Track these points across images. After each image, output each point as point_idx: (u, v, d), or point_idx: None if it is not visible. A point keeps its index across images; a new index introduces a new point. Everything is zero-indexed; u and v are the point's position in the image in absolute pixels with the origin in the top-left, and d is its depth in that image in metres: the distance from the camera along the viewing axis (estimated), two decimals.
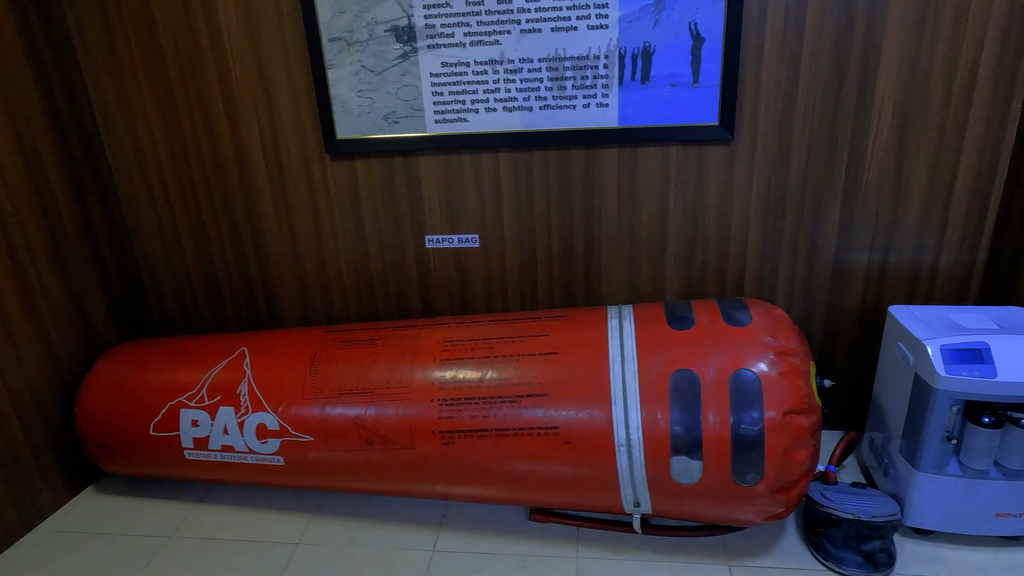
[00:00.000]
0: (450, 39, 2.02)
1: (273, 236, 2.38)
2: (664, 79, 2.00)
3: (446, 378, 1.87)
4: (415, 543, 1.97)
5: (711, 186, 2.12)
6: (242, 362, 2.05)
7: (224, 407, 1.99)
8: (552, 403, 1.78)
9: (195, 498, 2.22)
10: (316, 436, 1.93)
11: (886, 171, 2.04)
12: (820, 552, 1.83)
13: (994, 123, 1.96)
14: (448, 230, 2.29)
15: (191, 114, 2.24)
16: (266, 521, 2.10)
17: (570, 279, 2.30)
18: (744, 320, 1.80)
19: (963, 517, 1.81)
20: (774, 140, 2.05)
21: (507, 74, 2.04)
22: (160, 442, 2.05)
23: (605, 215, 2.20)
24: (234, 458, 2.02)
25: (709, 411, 1.68)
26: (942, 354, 1.70)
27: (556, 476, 1.82)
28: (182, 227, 2.41)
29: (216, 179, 2.32)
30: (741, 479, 1.69)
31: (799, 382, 1.68)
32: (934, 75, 1.93)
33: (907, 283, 2.16)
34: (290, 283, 2.45)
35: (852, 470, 2.20)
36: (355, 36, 2.05)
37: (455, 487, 1.92)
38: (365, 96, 2.12)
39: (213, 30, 2.12)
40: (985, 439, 1.72)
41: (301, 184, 2.29)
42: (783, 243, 2.16)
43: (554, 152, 2.14)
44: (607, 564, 1.86)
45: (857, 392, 2.34)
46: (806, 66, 1.96)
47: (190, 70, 2.18)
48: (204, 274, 2.48)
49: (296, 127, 2.21)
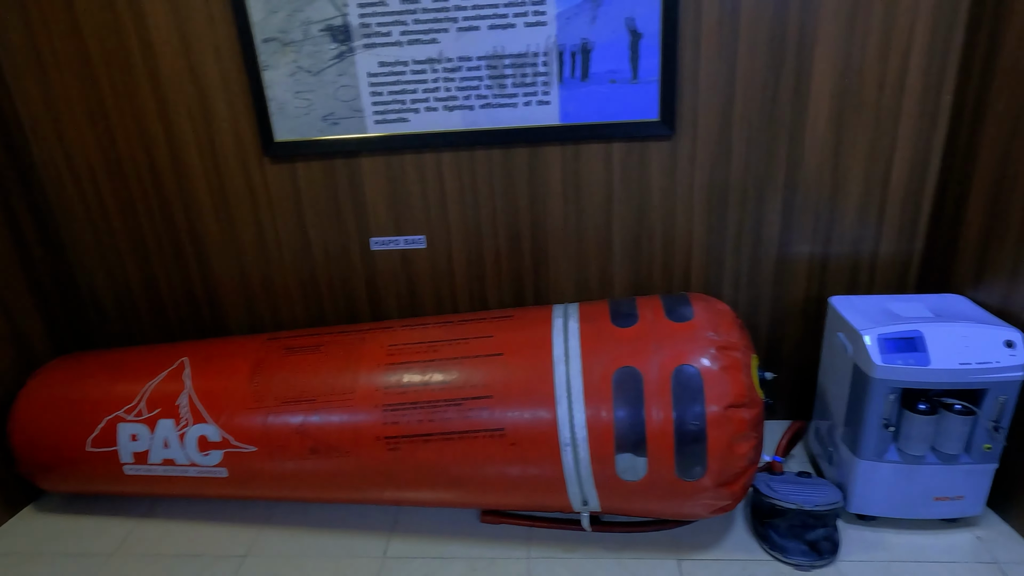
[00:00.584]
0: (387, 38, 1.99)
1: (214, 242, 2.32)
2: (604, 76, 1.99)
3: (391, 383, 1.85)
4: (365, 550, 1.95)
5: (654, 182, 2.13)
6: (182, 373, 2.00)
7: (164, 420, 1.94)
8: (497, 404, 1.77)
9: (140, 513, 2.16)
10: (259, 446, 1.89)
11: (824, 163, 2.06)
12: (767, 542, 1.85)
13: (927, 114, 1.99)
14: (394, 231, 2.26)
15: (123, 121, 2.17)
16: (213, 534, 2.05)
17: (519, 277, 2.29)
18: (687, 315, 1.80)
19: (903, 502, 1.85)
20: (715, 134, 2.06)
21: (446, 73, 2.02)
22: (98, 458, 1.99)
23: (551, 213, 2.19)
24: (176, 471, 1.97)
25: (652, 407, 1.69)
26: (878, 344, 1.73)
27: (504, 477, 1.81)
28: (119, 236, 2.34)
29: (153, 186, 2.25)
30: (686, 474, 1.70)
31: (740, 376, 1.70)
32: (867, 68, 1.95)
33: (849, 273, 2.19)
34: (234, 290, 2.39)
35: (800, 459, 2.23)
36: (289, 36, 2.01)
37: (404, 492, 1.90)
38: (303, 97, 2.08)
39: (141, 33, 2.06)
40: (921, 425, 1.75)
41: (241, 189, 2.23)
42: (727, 237, 2.18)
43: (497, 151, 2.12)
44: (557, 563, 1.85)
45: (803, 382, 2.37)
46: (743, 60, 1.97)
47: (120, 75, 2.12)
48: (145, 284, 2.41)
49: (233, 131, 2.16)
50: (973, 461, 1.78)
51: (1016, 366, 1.67)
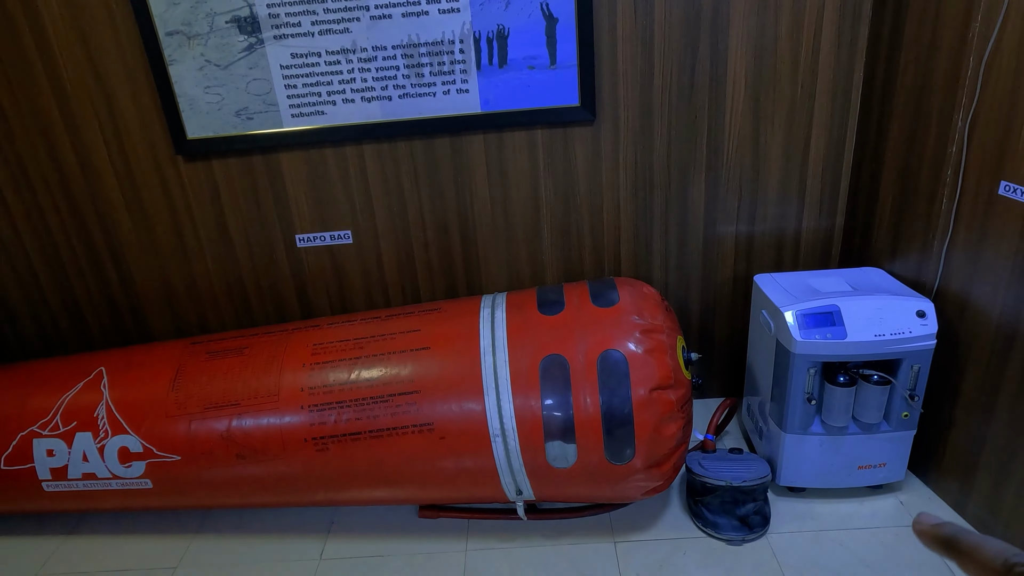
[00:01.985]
0: (297, 28, 1.93)
1: (131, 247, 2.23)
2: (522, 62, 1.97)
3: (316, 383, 1.81)
4: (300, 554, 1.91)
5: (580, 167, 2.12)
6: (99, 383, 1.92)
7: (81, 433, 1.87)
8: (425, 399, 1.75)
9: (65, 531, 2.08)
10: (183, 454, 1.83)
11: (744, 143, 2.08)
12: (699, 520, 1.88)
13: (840, 91, 2.02)
14: (319, 228, 2.21)
15: (24, 124, 2.06)
16: (142, 547, 1.99)
17: (449, 269, 2.27)
18: (613, 300, 1.81)
19: (829, 472, 1.90)
20: (635, 118, 2.06)
21: (361, 63, 1.97)
22: (14, 476, 1.90)
23: (478, 202, 2.17)
24: (98, 485, 1.90)
25: (580, 394, 1.69)
26: (797, 319, 1.76)
27: (437, 472, 1.79)
28: (29, 245, 2.23)
29: (61, 191, 2.15)
30: (615, 458, 1.70)
31: (665, 358, 1.71)
32: (780, 47, 1.97)
33: (774, 251, 2.22)
34: (156, 295, 2.31)
35: (735, 436, 2.27)
36: (194, 29, 1.93)
37: (337, 493, 1.87)
38: (213, 92, 2.00)
39: (36, 30, 1.95)
40: (842, 397, 1.79)
41: (155, 190, 2.15)
42: (654, 219, 2.19)
43: (419, 141, 2.09)
44: (495, 554, 1.85)
45: (735, 361, 2.40)
46: (659, 43, 1.97)
47: (16, 74, 2.00)
48: (61, 293, 2.31)
49: (143, 129, 2.07)
50: (892, 429, 1.83)
51: (928, 335, 1.71)
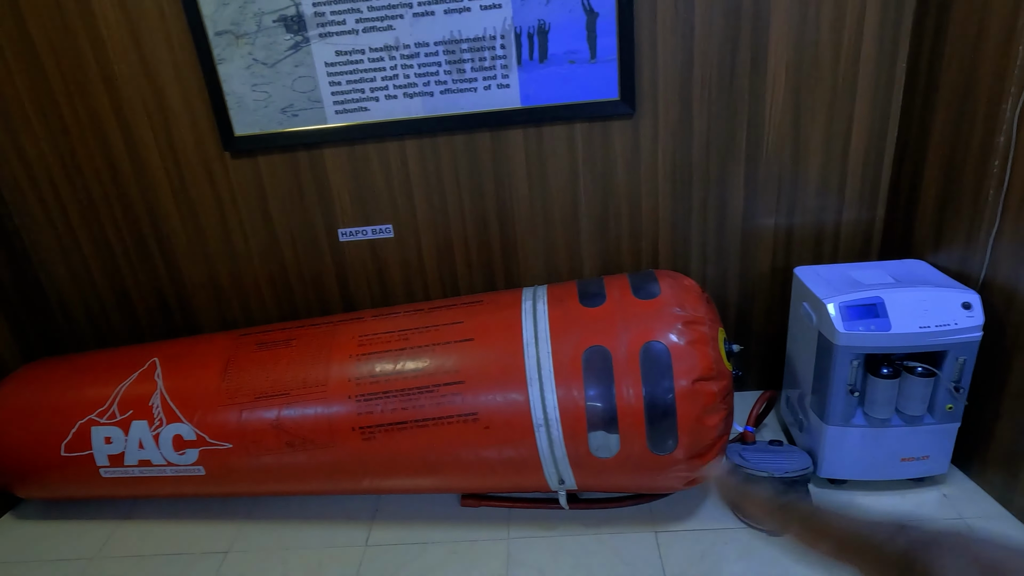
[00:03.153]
0: (342, 27, 1.97)
1: (180, 241, 2.30)
2: (562, 56, 1.99)
3: (363, 373, 1.85)
4: (347, 540, 1.96)
5: (618, 161, 2.14)
6: (153, 373, 1.99)
7: (137, 421, 1.93)
8: (469, 390, 1.78)
9: (119, 516, 2.16)
10: (235, 443, 1.89)
11: (784, 135, 2.08)
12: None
13: (882, 84, 2.01)
14: (361, 222, 2.25)
15: (78, 121, 2.13)
16: (194, 532, 2.06)
17: (488, 262, 2.30)
18: (654, 292, 1.82)
19: (871, 464, 1.89)
20: (675, 111, 2.07)
21: (404, 60, 2.01)
22: (73, 463, 1.98)
23: (517, 196, 2.19)
24: (153, 472, 1.97)
25: (622, 385, 1.71)
26: (840, 311, 1.76)
27: (480, 461, 1.83)
28: (83, 239, 2.31)
29: (113, 186, 2.22)
30: (658, 448, 1.72)
31: (707, 349, 1.72)
32: (822, 39, 1.96)
33: (813, 243, 2.22)
34: (203, 288, 2.38)
35: (773, 428, 2.28)
36: (242, 28, 1.98)
37: (382, 481, 1.91)
38: (260, 90, 2.05)
39: (91, 29, 2.02)
40: (885, 389, 1.79)
41: (203, 185, 2.21)
42: (692, 212, 2.20)
43: (460, 136, 2.12)
44: (538, 542, 1.88)
45: (773, 353, 2.40)
46: (700, 35, 1.98)
47: (71, 74, 2.07)
48: (112, 286, 2.39)
49: (192, 127, 2.13)
50: (936, 421, 1.82)
51: (974, 327, 1.71)
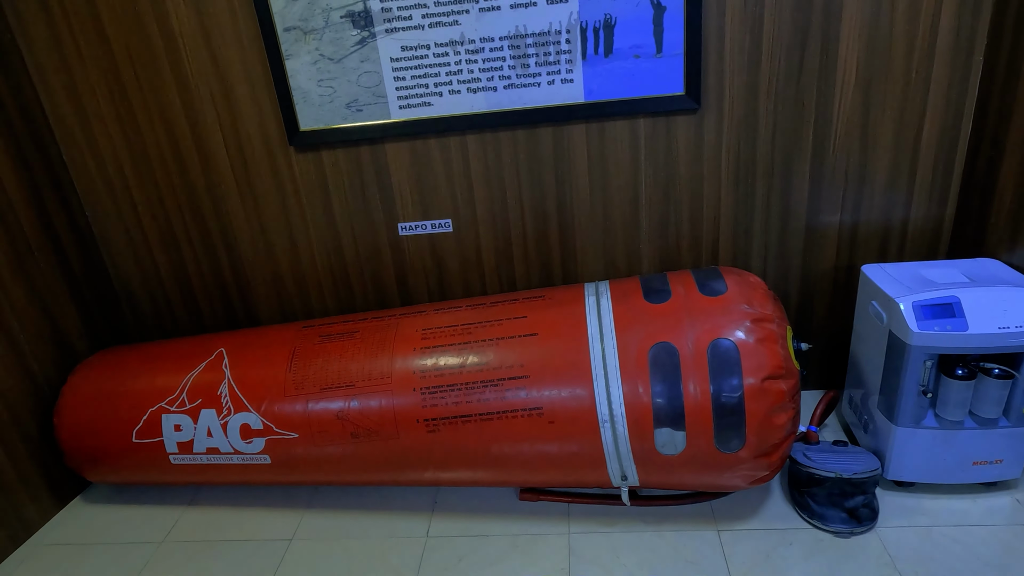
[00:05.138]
0: (408, 22, 1.98)
1: (243, 233, 2.34)
2: (627, 51, 1.98)
3: (427, 366, 1.87)
4: (408, 531, 1.99)
5: (681, 156, 2.12)
6: (221, 363, 2.03)
7: (206, 410, 1.98)
8: (534, 384, 1.79)
9: (185, 501, 2.21)
10: (301, 432, 1.92)
11: (853, 131, 2.04)
12: (805, 511, 1.87)
13: (957, 77, 1.96)
14: (421, 216, 2.27)
15: (148, 114, 2.19)
16: (258, 519, 2.10)
17: (546, 258, 2.30)
18: (720, 289, 1.81)
19: (941, 467, 1.86)
20: (741, 106, 2.04)
21: (468, 55, 2.01)
22: (144, 449, 2.03)
23: (577, 192, 2.19)
24: (220, 460, 2.01)
25: (689, 382, 1.70)
26: (914, 311, 1.73)
27: (543, 456, 1.83)
28: (149, 230, 2.37)
29: (180, 179, 2.27)
30: (724, 446, 1.71)
31: (776, 347, 1.70)
32: (896, 31, 1.92)
33: (879, 241, 2.18)
34: (265, 280, 2.42)
35: (834, 428, 2.24)
36: (310, 24, 2.00)
37: (444, 473, 1.93)
38: (326, 85, 2.08)
39: (163, 25, 2.06)
40: (959, 391, 1.75)
41: (268, 179, 2.25)
42: (755, 209, 2.17)
43: (522, 131, 2.12)
44: (598, 538, 1.88)
45: (835, 352, 2.37)
46: (768, 30, 1.95)
47: (143, 68, 2.12)
48: (176, 276, 2.44)
49: (258, 121, 2.17)
50: (1012, 425, 1.78)
51: None
